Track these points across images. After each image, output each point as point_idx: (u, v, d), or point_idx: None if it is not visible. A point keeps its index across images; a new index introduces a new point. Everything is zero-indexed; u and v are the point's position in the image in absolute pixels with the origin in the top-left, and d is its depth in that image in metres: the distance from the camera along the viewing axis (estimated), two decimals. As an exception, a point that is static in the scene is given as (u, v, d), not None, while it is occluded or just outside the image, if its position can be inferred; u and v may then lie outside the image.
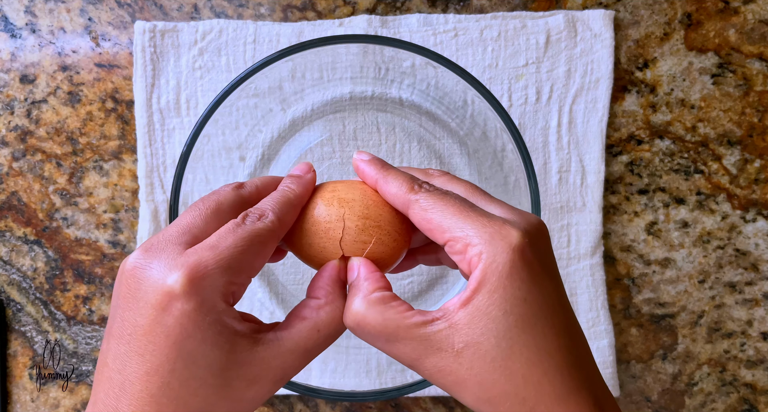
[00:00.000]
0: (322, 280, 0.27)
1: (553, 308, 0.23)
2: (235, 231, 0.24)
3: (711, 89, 0.45)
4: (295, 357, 0.24)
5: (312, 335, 0.25)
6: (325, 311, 0.25)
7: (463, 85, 0.37)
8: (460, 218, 0.23)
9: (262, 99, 0.42)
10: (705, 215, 0.45)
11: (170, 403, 0.22)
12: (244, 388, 0.23)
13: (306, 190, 0.28)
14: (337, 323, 0.25)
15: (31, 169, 0.46)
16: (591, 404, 0.22)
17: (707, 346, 0.46)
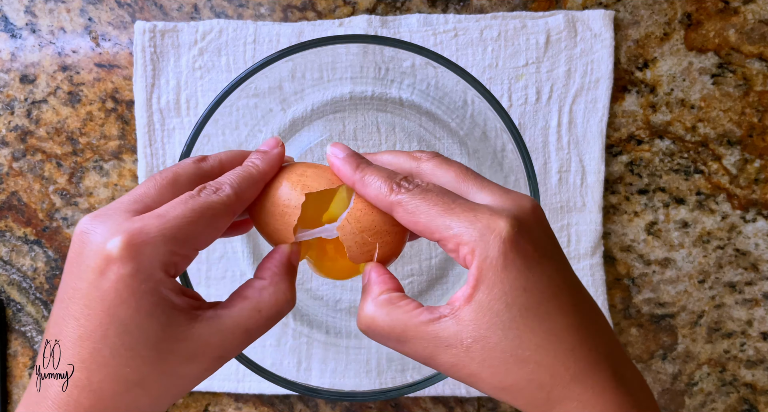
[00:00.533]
0: (269, 261, 0.26)
1: (557, 290, 0.22)
2: (186, 202, 0.23)
3: (711, 89, 0.45)
4: (235, 336, 0.24)
5: (253, 315, 0.24)
6: (268, 292, 0.25)
7: (463, 85, 0.37)
8: (446, 217, 0.23)
9: (262, 99, 0.42)
10: (705, 215, 0.45)
11: (100, 370, 0.21)
12: (179, 363, 0.22)
13: (271, 166, 0.28)
14: (279, 306, 0.25)
15: (31, 169, 0.46)
16: (609, 378, 0.22)
17: (707, 346, 0.46)
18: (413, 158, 0.27)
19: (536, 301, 0.22)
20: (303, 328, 0.44)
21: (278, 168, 0.28)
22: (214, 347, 0.23)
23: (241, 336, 0.24)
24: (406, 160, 0.28)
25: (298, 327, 0.44)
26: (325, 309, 0.45)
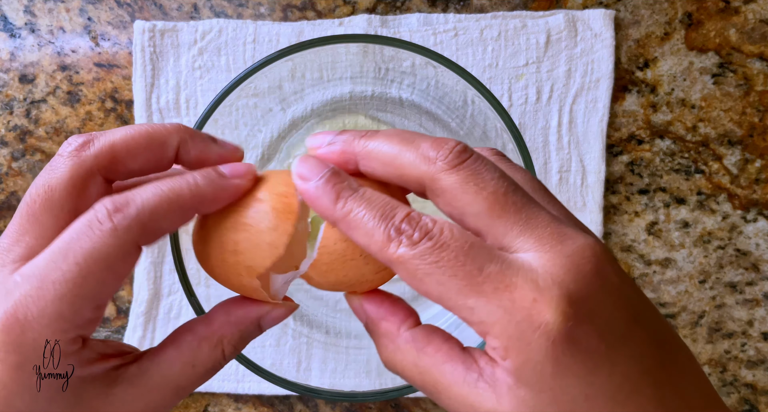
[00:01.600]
0: (231, 309, 0.21)
1: (634, 385, 0.16)
2: (68, 252, 0.18)
3: (711, 89, 0.45)
4: (164, 396, 0.20)
5: (186, 371, 0.20)
6: (209, 347, 0.20)
7: (463, 85, 0.36)
8: (470, 297, 0.16)
9: (262, 99, 0.42)
10: (705, 215, 0.45)
11: None
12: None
13: (216, 198, 0.20)
14: (218, 363, 0.21)
15: (30, 169, 0.46)
16: None
17: (708, 346, 0.46)
18: (428, 161, 0.18)
19: (603, 405, 0.16)
20: (303, 328, 0.44)
21: (224, 205, 0.20)
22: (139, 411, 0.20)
23: (171, 393, 0.20)
24: (417, 163, 0.18)
25: (298, 327, 0.44)
26: (325, 309, 0.45)
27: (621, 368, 0.16)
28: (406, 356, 0.19)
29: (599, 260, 0.17)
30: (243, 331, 0.21)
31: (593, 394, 0.16)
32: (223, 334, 0.21)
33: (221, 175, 0.20)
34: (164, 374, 0.20)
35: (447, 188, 0.18)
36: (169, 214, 0.19)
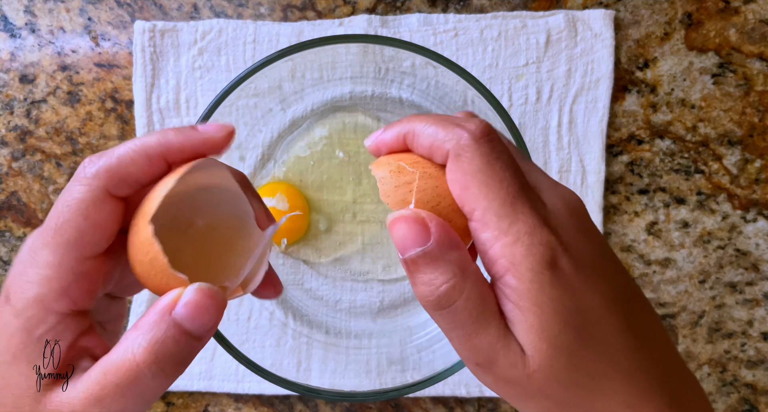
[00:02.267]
0: (152, 307, 0.20)
1: (611, 306, 0.20)
2: (56, 203, 0.21)
3: (711, 89, 0.45)
4: (85, 407, 0.19)
5: (100, 381, 0.19)
6: (119, 348, 0.19)
7: (463, 85, 0.36)
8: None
9: (262, 99, 0.42)
10: (705, 215, 0.45)
11: None
12: None
13: (184, 147, 0.21)
14: (131, 370, 0.19)
15: (30, 169, 0.46)
16: (666, 405, 0.20)
17: (708, 346, 0.46)
18: (457, 136, 0.21)
19: (591, 321, 0.20)
20: (303, 328, 0.44)
21: (193, 156, 0.21)
22: None
23: (93, 406, 0.19)
24: (448, 139, 0.21)
25: (298, 327, 0.44)
26: (325, 309, 0.45)
27: (599, 288, 0.20)
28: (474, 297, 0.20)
29: (577, 205, 0.21)
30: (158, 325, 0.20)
31: (583, 308, 0.20)
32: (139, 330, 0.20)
33: (192, 128, 0.22)
34: (84, 389, 0.20)
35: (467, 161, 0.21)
36: (135, 160, 0.20)
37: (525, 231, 0.20)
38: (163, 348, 0.19)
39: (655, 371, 0.21)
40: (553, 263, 0.19)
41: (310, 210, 0.44)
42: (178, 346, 0.19)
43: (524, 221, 0.20)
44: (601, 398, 0.20)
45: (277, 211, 0.42)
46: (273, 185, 0.43)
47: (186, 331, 0.19)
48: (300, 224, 0.43)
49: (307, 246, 0.44)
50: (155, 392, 0.20)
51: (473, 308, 0.20)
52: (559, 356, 0.19)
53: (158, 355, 0.19)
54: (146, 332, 0.19)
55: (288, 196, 0.42)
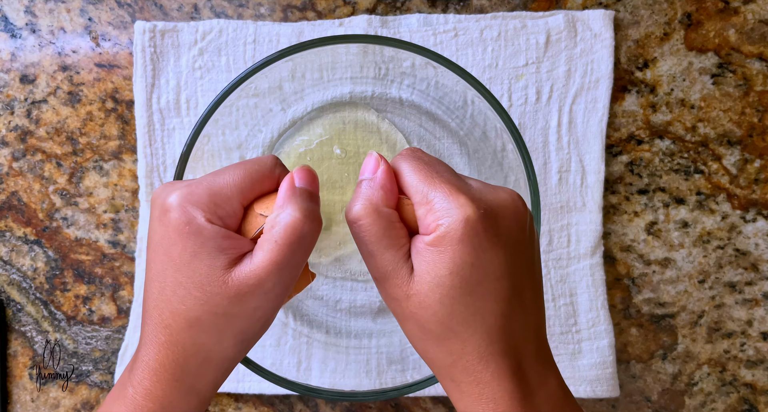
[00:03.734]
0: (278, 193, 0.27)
1: (501, 275, 0.24)
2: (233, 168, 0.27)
3: (711, 89, 0.45)
4: (268, 272, 0.24)
5: (273, 248, 0.25)
6: (276, 220, 0.25)
7: (463, 85, 0.37)
8: (428, 185, 0.25)
9: (262, 99, 0.42)
10: (705, 215, 0.45)
11: (165, 308, 0.25)
12: (228, 304, 0.24)
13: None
14: (292, 230, 0.25)
15: (31, 169, 0.46)
16: (510, 368, 0.24)
17: (707, 346, 0.46)
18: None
19: (477, 279, 0.24)
20: (303, 328, 0.44)
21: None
22: (254, 286, 0.24)
23: (273, 269, 0.24)
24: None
25: (298, 327, 0.44)
26: (325, 309, 0.45)
27: (500, 258, 0.24)
28: (379, 223, 0.25)
29: (514, 200, 0.25)
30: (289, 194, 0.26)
31: (476, 265, 0.23)
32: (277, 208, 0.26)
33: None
34: (263, 254, 0.25)
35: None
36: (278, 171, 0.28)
37: (442, 197, 0.24)
38: (305, 204, 0.25)
39: (514, 340, 0.24)
40: (468, 222, 0.23)
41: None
42: (311, 199, 0.26)
43: (441, 189, 0.24)
44: (457, 341, 0.24)
45: None
46: None
47: (309, 190, 0.26)
48: None
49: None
50: (312, 241, 0.26)
51: (376, 231, 0.25)
52: (437, 290, 0.24)
53: (305, 211, 0.25)
54: (288, 201, 0.25)
55: None
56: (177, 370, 0.25)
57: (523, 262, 0.25)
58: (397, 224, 0.25)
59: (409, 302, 0.25)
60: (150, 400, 0.25)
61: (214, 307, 0.24)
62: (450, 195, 0.24)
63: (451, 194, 0.24)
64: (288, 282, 0.25)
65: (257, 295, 0.24)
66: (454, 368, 0.25)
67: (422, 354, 0.26)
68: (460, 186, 0.25)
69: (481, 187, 0.26)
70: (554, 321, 0.45)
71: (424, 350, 0.26)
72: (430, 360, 0.26)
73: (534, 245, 0.26)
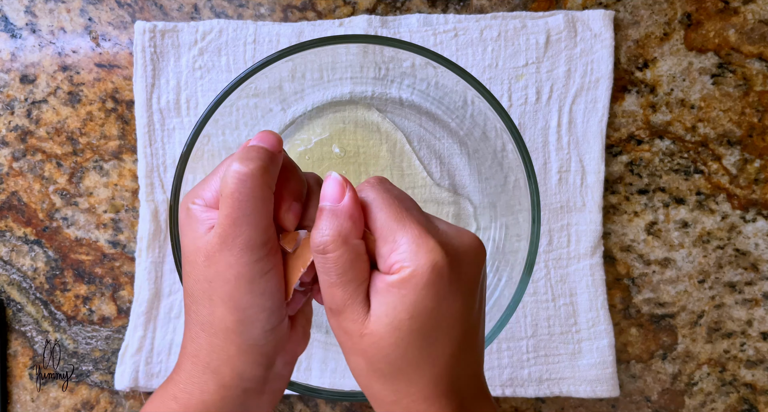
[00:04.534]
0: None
1: (455, 322, 0.24)
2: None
3: (711, 89, 0.45)
4: (225, 226, 0.25)
5: (222, 202, 0.25)
6: (224, 176, 0.25)
7: (463, 85, 0.37)
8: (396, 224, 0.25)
9: (262, 99, 0.42)
10: (705, 215, 0.45)
11: (216, 304, 0.26)
12: (203, 269, 0.25)
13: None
14: (234, 181, 0.25)
15: (31, 169, 0.46)
16: (452, 408, 0.25)
17: (707, 346, 0.46)
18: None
19: (435, 324, 0.24)
20: (303, 328, 0.44)
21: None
22: (217, 244, 0.25)
23: (228, 223, 0.25)
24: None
25: (298, 327, 0.44)
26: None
27: (457, 306, 0.24)
28: (347, 255, 0.25)
29: (477, 248, 0.25)
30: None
31: (435, 311, 0.23)
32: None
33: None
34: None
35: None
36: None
37: (410, 239, 0.24)
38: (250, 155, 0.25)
39: (459, 383, 0.25)
40: (435, 268, 0.23)
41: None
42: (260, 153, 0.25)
43: (411, 230, 0.24)
44: (404, 381, 0.24)
45: None
46: None
47: (260, 146, 0.26)
48: None
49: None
50: (262, 190, 0.25)
51: (341, 265, 0.24)
52: (395, 333, 0.23)
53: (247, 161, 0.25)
54: (235, 157, 0.25)
55: None
56: (191, 344, 0.26)
57: (475, 304, 0.25)
58: (364, 256, 0.25)
59: (362, 340, 0.24)
60: (176, 371, 0.27)
61: (195, 275, 0.25)
62: (419, 238, 0.23)
63: (420, 237, 0.24)
64: (249, 233, 0.25)
65: (224, 252, 0.25)
66: (397, 406, 0.25)
67: (364, 388, 0.26)
68: (429, 228, 0.24)
69: (448, 230, 0.25)
70: (554, 321, 0.45)
71: (367, 385, 0.26)
72: (371, 395, 0.26)
73: (484, 285, 0.27)
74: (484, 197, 0.44)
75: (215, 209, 0.26)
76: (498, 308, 0.37)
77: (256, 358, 0.27)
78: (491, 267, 0.42)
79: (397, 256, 0.24)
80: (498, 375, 0.44)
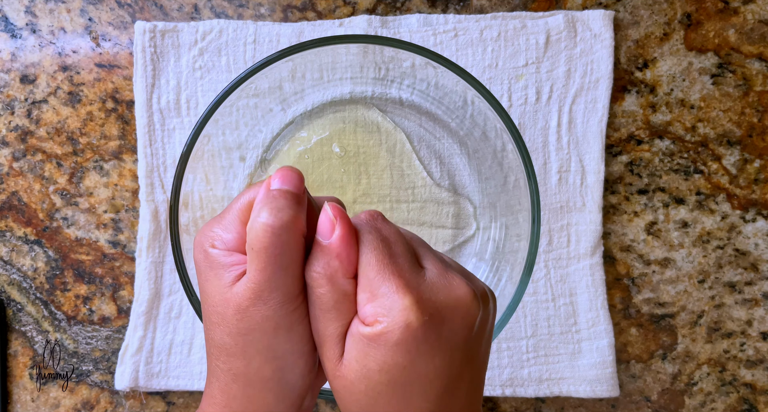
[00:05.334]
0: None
1: (433, 378, 0.23)
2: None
3: (711, 89, 0.45)
4: (258, 281, 0.24)
5: (253, 257, 0.24)
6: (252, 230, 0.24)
7: (463, 85, 0.37)
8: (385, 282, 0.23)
9: (262, 99, 0.42)
10: (705, 214, 0.45)
11: (206, 337, 0.25)
12: (236, 323, 0.24)
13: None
14: (264, 235, 0.23)
15: (31, 169, 0.46)
16: None
17: (707, 346, 0.46)
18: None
19: (408, 381, 0.23)
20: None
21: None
22: (250, 298, 0.24)
23: (261, 278, 0.24)
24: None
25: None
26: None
27: (436, 363, 0.23)
28: (339, 293, 0.24)
29: (468, 301, 0.24)
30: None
31: (410, 368, 0.22)
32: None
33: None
34: None
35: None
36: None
37: (387, 293, 0.23)
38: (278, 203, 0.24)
39: None
40: (409, 328, 0.22)
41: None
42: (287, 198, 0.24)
43: (389, 283, 0.23)
44: None
45: None
46: None
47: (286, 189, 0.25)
48: None
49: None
50: (295, 240, 0.24)
51: (325, 302, 0.24)
52: (364, 381, 0.23)
53: (276, 211, 0.24)
54: (261, 205, 0.24)
55: None
56: (225, 398, 0.25)
57: (463, 359, 0.24)
58: (351, 296, 0.24)
59: (335, 380, 0.24)
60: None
61: (227, 328, 0.24)
62: (397, 293, 0.22)
63: (398, 292, 0.22)
64: (286, 285, 0.24)
65: (258, 306, 0.23)
66: None
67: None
68: (411, 281, 0.23)
69: (436, 281, 0.24)
70: (554, 321, 0.45)
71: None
72: None
73: (482, 338, 0.25)
74: (484, 197, 0.44)
75: (237, 251, 0.25)
76: (498, 308, 0.37)
77: (293, 401, 0.26)
78: (491, 267, 0.42)
79: (372, 308, 0.23)
80: (498, 375, 0.44)
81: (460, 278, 0.24)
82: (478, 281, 0.26)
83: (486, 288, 0.26)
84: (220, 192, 0.43)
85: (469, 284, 0.24)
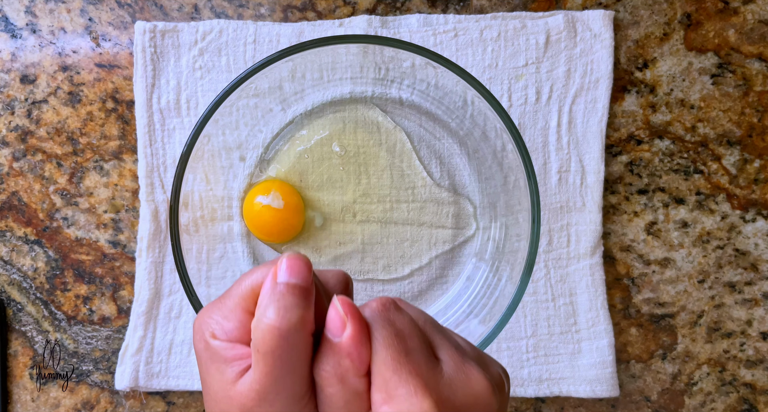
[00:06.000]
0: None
1: None
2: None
3: (710, 89, 0.45)
4: (263, 384, 0.23)
5: (259, 359, 0.23)
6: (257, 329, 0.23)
7: (463, 86, 0.37)
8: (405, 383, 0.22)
9: (262, 99, 0.42)
10: (704, 215, 0.45)
11: None
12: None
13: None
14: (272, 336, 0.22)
15: (31, 169, 0.46)
16: None
17: (707, 346, 0.46)
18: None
19: None
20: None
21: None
22: (255, 400, 0.23)
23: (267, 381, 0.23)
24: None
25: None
26: (325, 309, 0.45)
27: None
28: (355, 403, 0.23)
29: (486, 396, 0.23)
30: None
31: None
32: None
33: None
34: None
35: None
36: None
37: (404, 395, 0.21)
38: (286, 302, 0.22)
39: None
40: None
41: (306, 208, 0.44)
42: (296, 294, 0.23)
43: (406, 384, 0.21)
44: None
45: (273, 208, 0.42)
46: (267, 183, 0.43)
47: (295, 283, 0.23)
48: (295, 222, 0.43)
49: (306, 245, 0.45)
50: (303, 341, 0.23)
51: (335, 402, 0.22)
52: None
53: (285, 310, 0.22)
54: (268, 301, 0.22)
55: (282, 193, 0.42)
56: None
57: None
58: (364, 395, 0.22)
59: None
60: None
61: None
62: (416, 395, 0.21)
63: (416, 394, 0.21)
64: (294, 386, 0.23)
65: (263, 407, 0.22)
66: None
67: None
68: (429, 381, 0.22)
69: (454, 377, 0.23)
70: (554, 321, 0.45)
71: None
72: None
73: None
74: (484, 197, 0.44)
75: (240, 342, 0.23)
76: (498, 308, 0.37)
77: None
78: (491, 267, 0.42)
79: (389, 409, 0.21)
80: (498, 375, 0.45)
81: (478, 371, 0.23)
82: (494, 366, 0.25)
83: (502, 373, 0.25)
84: (220, 192, 0.43)
85: (486, 376, 0.23)
